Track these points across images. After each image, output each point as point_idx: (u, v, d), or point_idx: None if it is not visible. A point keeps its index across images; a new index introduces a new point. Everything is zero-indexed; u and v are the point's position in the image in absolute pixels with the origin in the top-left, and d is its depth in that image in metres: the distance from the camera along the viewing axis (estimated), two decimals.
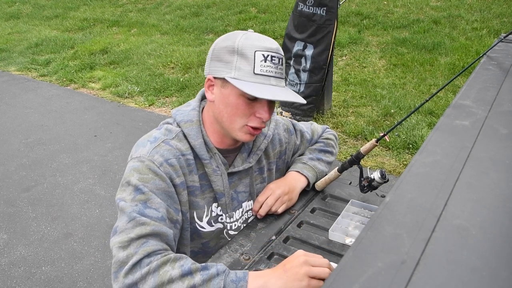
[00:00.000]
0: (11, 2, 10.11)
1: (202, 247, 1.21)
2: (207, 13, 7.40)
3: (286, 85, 1.37)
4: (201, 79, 5.29)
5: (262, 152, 1.23)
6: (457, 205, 0.57)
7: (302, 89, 3.99)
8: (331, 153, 1.44)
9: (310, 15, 3.78)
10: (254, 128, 1.07)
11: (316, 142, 1.46)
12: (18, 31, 8.25)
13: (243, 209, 1.25)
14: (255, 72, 1.00)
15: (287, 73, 4.08)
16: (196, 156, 1.11)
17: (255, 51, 1.01)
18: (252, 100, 1.03)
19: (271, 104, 1.07)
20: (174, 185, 1.05)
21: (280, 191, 1.26)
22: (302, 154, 1.43)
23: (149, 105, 4.90)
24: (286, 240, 1.18)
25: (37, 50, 7.07)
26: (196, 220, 1.15)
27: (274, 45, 1.04)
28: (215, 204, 1.17)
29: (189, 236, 1.15)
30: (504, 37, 1.46)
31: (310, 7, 3.76)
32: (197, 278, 0.89)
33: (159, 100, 4.99)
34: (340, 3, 3.97)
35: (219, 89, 1.06)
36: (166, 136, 1.09)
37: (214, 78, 1.06)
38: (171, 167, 1.04)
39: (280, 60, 1.05)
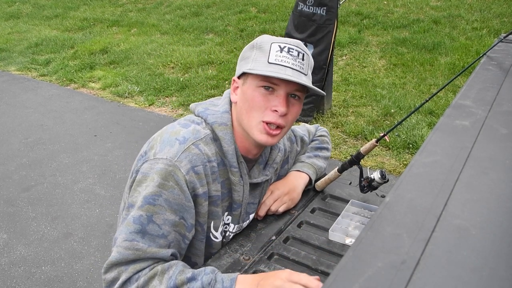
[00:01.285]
0: (11, 2, 10.11)
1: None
2: (207, 13, 7.40)
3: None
4: (201, 79, 5.29)
5: (278, 165, 1.21)
6: (457, 205, 0.57)
7: None
8: (326, 149, 1.45)
9: (310, 15, 3.78)
10: (269, 126, 1.01)
11: (312, 141, 1.47)
12: (18, 31, 8.25)
13: (250, 220, 1.24)
14: (269, 61, 0.98)
15: None
16: (220, 162, 1.05)
17: (271, 43, 1.00)
18: (268, 92, 0.99)
19: (290, 100, 1.02)
20: (196, 195, 1.01)
21: (279, 192, 1.26)
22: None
23: (149, 105, 4.90)
24: (286, 240, 1.18)
25: (37, 50, 7.06)
26: (212, 230, 1.11)
27: (294, 41, 1.03)
28: (226, 213, 1.14)
29: (204, 247, 1.12)
30: (504, 37, 1.46)
31: (310, 7, 3.76)
32: None
33: (159, 100, 4.99)
34: (340, 3, 3.97)
35: (241, 88, 1.04)
36: (196, 138, 1.01)
37: (238, 78, 1.05)
38: (197, 175, 0.99)
39: (301, 54, 1.02)
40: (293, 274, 0.91)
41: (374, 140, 1.21)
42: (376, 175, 1.21)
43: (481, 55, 1.28)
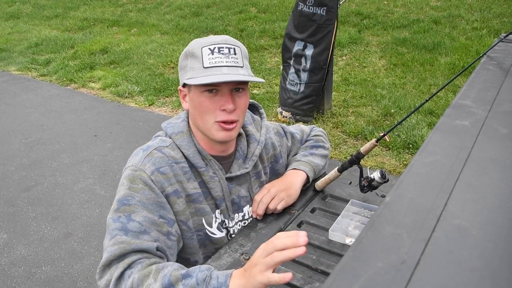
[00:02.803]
0: (11, 2, 10.11)
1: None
2: (207, 13, 7.40)
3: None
4: None
5: (257, 158, 1.25)
6: (457, 205, 0.57)
7: (302, 89, 3.99)
8: (323, 147, 1.45)
9: (310, 15, 3.78)
10: (224, 123, 1.06)
11: (306, 140, 1.47)
12: (18, 31, 8.25)
13: (244, 214, 1.25)
14: (205, 66, 1.04)
15: (287, 73, 4.08)
16: (192, 165, 1.12)
17: (201, 48, 1.05)
18: (212, 94, 1.05)
19: (235, 94, 1.07)
20: (167, 195, 1.06)
21: (275, 189, 1.27)
22: (295, 155, 1.44)
23: (149, 105, 4.90)
24: None
25: (37, 50, 7.07)
26: (206, 226, 1.15)
27: (221, 38, 1.07)
28: (218, 211, 1.18)
29: (197, 244, 1.15)
30: (504, 37, 1.46)
31: (310, 7, 3.76)
32: None
33: (159, 100, 4.99)
34: (340, 3, 3.97)
35: (188, 96, 1.11)
36: (160, 145, 1.10)
37: (183, 87, 1.11)
38: (163, 175, 1.06)
39: (231, 49, 1.06)
40: (266, 249, 0.85)
41: (374, 140, 1.21)
42: (376, 175, 1.21)
43: (481, 55, 1.28)
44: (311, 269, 1.06)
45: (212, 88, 1.04)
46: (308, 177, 1.34)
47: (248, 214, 1.26)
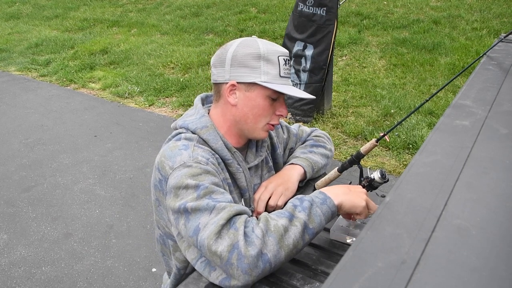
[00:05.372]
0: (11, 2, 10.11)
1: None
2: (207, 13, 7.41)
3: None
4: (201, 79, 5.29)
5: (266, 144, 1.31)
6: (457, 205, 0.57)
7: (302, 89, 3.99)
8: (323, 147, 1.45)
9: (310, 15, 3.78)
10: (273, 125, 1.18)
11: (306, 140, 1.49)
12: (18, 31, 8.25)
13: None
14: (281, 75, 1.12)
15: None
16: (220, 157, 1.16)
17: (278, 56, 1.12)
18: (274, 100, 1.14)
19: (284, 102, 1.20)
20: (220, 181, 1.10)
21: (273, 184, 1.28)
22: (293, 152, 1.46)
23: (149, 105, 4.90)
24: None
25: (37, 50, 7.07)
26: None
27: (286, 50, 1.17)
28: (242, 200, 1.23)
29: None
30: (504, 37, 1.46)
31: (310, 7, 3.76)
32: (302, 215, 0.97)
33: (159, 100, 4.99)
34: (340, 3, 3.97)
35: (243, 93, 1.13)
36: (193, 142, 1.12)
37: (238, 83, 1.12)
38: (213, 165, 1.09)
39: (289, 62, 1.18)
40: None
41: (374, 140, 1.21)
42: (376, 175, 1.21)
43: (481, 55, 1.29)
44: (311, 269, 1.06)
45: (277, 97, 1.14)
46: (305, 172, 1.34)
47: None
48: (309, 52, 3.89)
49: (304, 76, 3.97)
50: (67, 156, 3.83)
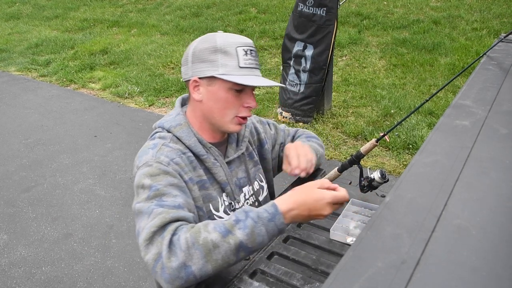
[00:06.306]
0: (11, 3, 10.12)
1: None
2: (207, 13, 7.41)
3: (281, 82, 1.45)
4: None
5: (247, 139, 1.31)
6: (457, 205, 0.57)
7: (302, 89, 3.99)
8: (316, 138, 1.48)
9: (310, 16, 3.78)
10: (243, 118, 1.16)
11: (297, 137, 1.50)
12: (18, 32, 8.25)
13: (244, 194, 1.30)
14: (240, 65, 1.10)
15: (287, 73, 4.08)
16: (194, 154, 1.17)
17: (236, 47, 1.11)
18: (239, 92, 1.12)
19: (253, 93, 1.18)
20: (184, 181, 1.10)
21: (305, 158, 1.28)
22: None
23: (149, 106, 4.90)
24: (286, 240, 1.18)
25: (37, 51, 7.07)
26: (214, 212, 1.19)
27: (248, 40, 1.15)
28: (224, 194, 1.23)
29: None
30: (504, 37, 1.46)
31: (310, 8, 3.76)
32: (239, 234, 0.91)
33: (159, 101, 4.99)
34: (340, 3, 3.97)
35: (206, 88, 1.14)
36: (163, 141, 1.15)
37: (199, 78, 1.13)
38: (177, 165, 1.09)
39: (256, 52, 1.16)
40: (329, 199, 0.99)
41: (374, 140, 1.21)
42: (376, 175, 1.21)
43: (481, 55, 1.29)
44: (311, 269, 1.06)
45: (241, 88, 1.12)
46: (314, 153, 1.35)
47: (248, 193, 1.31)
48: (309, 52, 3.89)
49: (304, 76, 3.97)
50: (67, 156, 3.83)
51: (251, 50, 1.13)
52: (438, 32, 5.56)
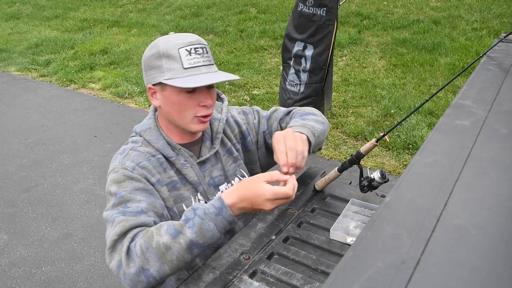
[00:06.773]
0: (11, 3, 10.11)
1: None
2: (207, 13, 7.41)
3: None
4: None
5: (221, 135, 1.29)
6: (457, 205, 0.57)
7: (302, 89, 3.99)
8: (313, 114, 1.32)
9: (310, 16, 3.78)
10: (203, 117, 1.15)
11: (290, 113, 1.36)
12: (18, 32, 8.25)
13: (222, 192, 1.26)
14: (184, 67, 1.09)
15: (287, 73, 4.08)
16: (164, 156, 1.19)
17: (178, 49, 1.09)
18: (191, 92, 1.11)
19: (210, 90, 1.15)
20: (152, 184, 1.12)
21: (299, 148, 1.12)
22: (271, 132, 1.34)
23: (149, 106, 4.90)
24: (286, 240, 1.18)
25: (37, 51, 7.07)
26: None
27: (193, 37, 1.12)
28: (198, 194, 1.23)
29: None
30: (504, 37, 1.46)
31: (310, 8, 3.76)
32: (189, 233, 0.96)
33: None
34: (340, 3, 3.97)
35: (161, 94, 1.15)
36: (133, 146, 1.18)
37: (153, 85, 1.15)
38: (143, 168, 1.12)
39: (204, 49, 1.12)
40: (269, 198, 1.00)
41: (374, 140, 1.21)
42: (376, 175, 1.21)
43: (481, 55, 1.29)
44: (311, 269, 1.06)
45: (191, 89, 1.10)
46: (307, 137, 1.19)
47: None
48: (309, 52, 3.89)
49: (304, 76, 3.96)
50: (67, 156, 3.83)
51: (195, 48, 1.10)
52: (438, 32, 5.56)
